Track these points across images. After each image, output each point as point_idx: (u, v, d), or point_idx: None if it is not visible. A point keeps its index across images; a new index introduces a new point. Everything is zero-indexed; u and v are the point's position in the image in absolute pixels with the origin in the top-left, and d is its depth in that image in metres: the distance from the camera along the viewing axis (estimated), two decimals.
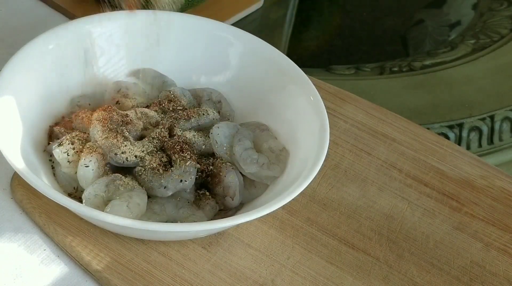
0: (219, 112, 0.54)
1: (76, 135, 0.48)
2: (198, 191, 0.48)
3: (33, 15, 0.70)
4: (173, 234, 0.45)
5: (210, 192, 0.48)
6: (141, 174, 0.46)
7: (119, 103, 0.52)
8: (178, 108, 0.52)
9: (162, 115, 0.52)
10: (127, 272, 0.45)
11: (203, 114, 0.51)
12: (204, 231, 0.46)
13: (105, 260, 0.45)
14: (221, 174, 0.48)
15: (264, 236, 0.49)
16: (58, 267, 0.46)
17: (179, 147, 0.47)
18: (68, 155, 0.46)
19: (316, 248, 0.49)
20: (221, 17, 0.72)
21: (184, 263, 0.46)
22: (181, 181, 0.46)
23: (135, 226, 0.40)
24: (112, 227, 0.45)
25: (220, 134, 0.49)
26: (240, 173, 0.49)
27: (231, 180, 0.47)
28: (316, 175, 0.45)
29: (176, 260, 0.46)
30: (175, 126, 0.50)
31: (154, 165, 0.46)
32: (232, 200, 0.47)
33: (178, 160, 0.46)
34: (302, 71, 0.54)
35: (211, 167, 0.48)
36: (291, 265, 0.47)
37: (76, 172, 0.46)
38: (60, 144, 0.47)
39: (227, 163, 0.49)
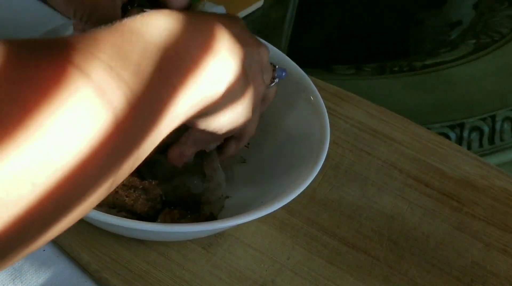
0: None
1: None
2: None
3: (33, 15, 0.70)
4: (172, 234, 0.45)
5: None
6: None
7: None
8: None
9: None
10: (127, 273, 0.45)
11: None
12: (204, 232, 0.46)
13: (104, 261, 0.45)
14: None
15: (264, 236, 0.49)
16: (58, 267, 0.46)
17: None
18: None
19: (316, 248, 0.49)
20: None
21: (184, 264, 0.46)
22: None
23: (134, 226, 0.40)
24: (111, 228, 0.45)
25: None
26: None
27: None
28: (316, 175, 0.44)
29: (175, 261, 0.46)
30: None
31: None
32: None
33: None
34: (302, 71, 0.54)
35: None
36: (291, 265, 0.47)
37: None
38: None
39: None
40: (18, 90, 0.21)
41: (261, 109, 0.44)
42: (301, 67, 0.54)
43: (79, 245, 0.46)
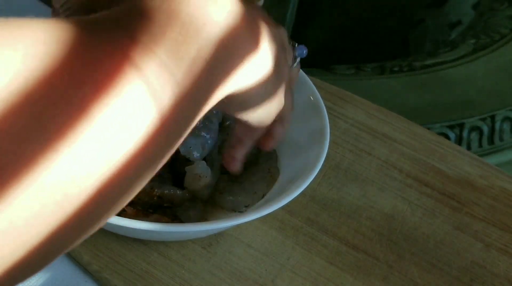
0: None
1: None
2: None
3: (33, 15, 0.70)
4: (172, 234, 0.45)
5: None
6: None
7: None
8: None
9: None
10: (127, 273, 0.45)
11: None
12: (204, 232, 0.46)
13: (104, 260, 0.45)
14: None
15: (264, 236, 0.49)
16: (58, 267, 0.46)
17: None
18: None
19: (316, 249, 0.49)
20: None
21: (184, 264, 0.46)
22: None
23: (134, 226, 0.40)
24: (111, 227, 0.45)
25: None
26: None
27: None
28: (316, 175, 0.44)
29: (176, 261, 0.46)
30: None
31: None
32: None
33: None
34: (302, 71, 0.54)
35: None
36: (291, 266, 0.47)
37: None
38: None
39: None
40: (78, 81, 0.21)
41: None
42: (301, 67, 0.54)
43: (79, 245, 0.46)
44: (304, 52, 0.45)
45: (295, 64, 0.44)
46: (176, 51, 0.26)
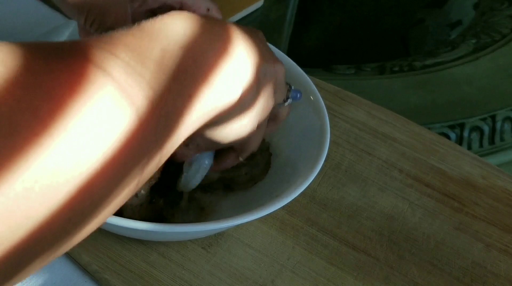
0: None
1: None
2: None
3: (33, 15, 0.70)
4: (172, 234, 0.45)
5: None
6: None
7: None
8: None
9: None
10: (127, 273, 0.45)
11: None
12: (204, 232, 0.46)
13: (104, 261, 0.45)
14: None
15: (264, 236, 0.49)
16: (58, 267, 0.46)
17: None
18: None
19: (316, 249, 0.49)
20: None
21: (183, 264, 0.46)
22: None
23: (134, 226, 0.40)
24: (111, 228, 0.45)
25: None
26: None
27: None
28: (316, 175, 0.44)
29: (175, 261, 0.46)
30: None
31: None
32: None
33: None
34: (302, 71, 0.54)
35: None
36: (291, 266, 0.47)
37: None
38: None
39: None
40: (31, 98, 0.20)
41: (270, 129, 0.43)
42: (301, 67, 0.54)
43: (79, 245, 0.46)
44: (298, 96, 0.44)
45: (285, 104, 0.43)
46: (139, 53, 0.25)
